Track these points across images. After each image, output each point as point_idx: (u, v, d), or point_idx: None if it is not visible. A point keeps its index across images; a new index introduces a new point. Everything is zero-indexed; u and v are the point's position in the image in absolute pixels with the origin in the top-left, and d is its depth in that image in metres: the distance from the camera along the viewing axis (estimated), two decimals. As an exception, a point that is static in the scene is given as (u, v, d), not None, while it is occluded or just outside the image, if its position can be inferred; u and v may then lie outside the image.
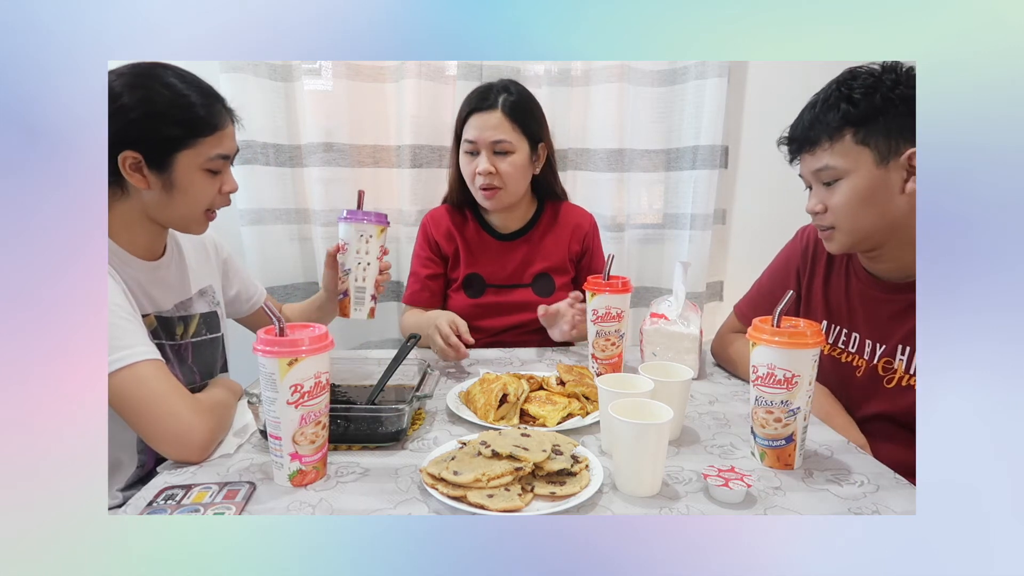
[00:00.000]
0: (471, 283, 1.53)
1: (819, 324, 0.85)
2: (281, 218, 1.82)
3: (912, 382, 1.01)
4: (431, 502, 0.77)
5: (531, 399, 1.04)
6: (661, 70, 1.91)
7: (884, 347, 1.04)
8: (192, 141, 0.95)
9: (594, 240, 1.58)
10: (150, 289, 1.02)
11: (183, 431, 0.85)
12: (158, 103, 0.93)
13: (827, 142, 0.96)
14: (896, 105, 0.92)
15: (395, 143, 1.85)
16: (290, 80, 1.77)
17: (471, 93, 1.46)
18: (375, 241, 1.14)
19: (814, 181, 1.02)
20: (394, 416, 0.91)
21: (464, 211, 1.57)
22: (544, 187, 1.56)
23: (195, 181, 0.97)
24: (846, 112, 0.94)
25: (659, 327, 1.22)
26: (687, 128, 1.91)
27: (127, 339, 0.87)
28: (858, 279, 1.10)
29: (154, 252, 1.06)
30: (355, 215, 1.14)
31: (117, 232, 0.98)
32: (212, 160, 0.97)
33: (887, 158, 0.93)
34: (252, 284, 1.35)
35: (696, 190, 1.92)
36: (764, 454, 0.87)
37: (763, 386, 0.85)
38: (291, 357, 0.76)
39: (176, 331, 1.07)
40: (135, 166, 0.94)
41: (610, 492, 0.80)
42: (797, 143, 1.01)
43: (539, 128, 1.47)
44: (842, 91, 0.96)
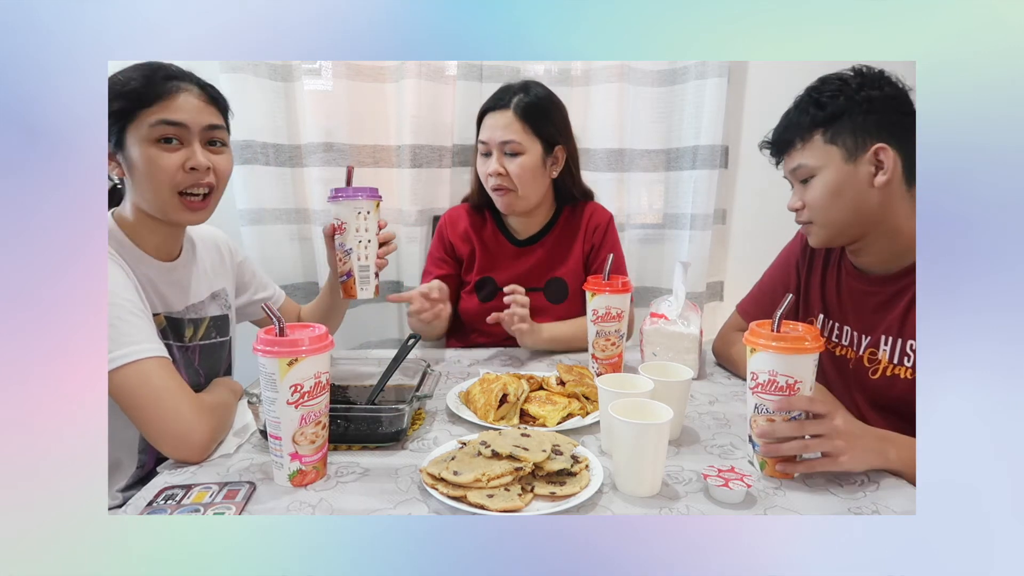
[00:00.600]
0: (483, 286, 1.52)
1: (816, 328, 0.85)
2: (281, 218, 1.82)
3: (896, 371, 1.02)
4: (431, 502, 0.77)
5: (531, 399, 1.04)
6: (661, 70, 1.91)
7: (869, 338, 1.07)
8: (134, 113, 0.93)
9: (605, 237, 1.52)
10: (162, 289, 1.03)
11: (184, 430, 0.85)
12: (112, 86, 0.92)
13: (799, 143, 1.04)
14: (860, 105, 0.98)
15: (395, 143, 1.85)
16: (290, 80, 1.76)
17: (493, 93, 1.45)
18: (372, 216, 1.10)
19: (793, 180, 1.08)
20: (394, 416, 0.91)
21: (484, 213, 1.55)
22: (563, 191, 1.52)
23: (148, 156, 0.93)
24: (814, 115, 1.01)
25: (659, 327, 1.22)
26: (687, 128, 1.91)
27: (136, 335, 0.87)
28: (847, 273, 1.13)
29: (169, 253, 1.06)
30: (347, 192, 1.09)
31: (133, 230, 1.00)
32: (155, 127, 0.93)
33: (854, 154, 0.99)
34: (270, 286, 1.35)
35: (696, 190, 1.92)
36: (764, 463, 0.85)
37: (763, 393, 0.83)
38: (291, 357, 0.76)
39: (185, 333, 1.07)
40: (110, 155, 0.95)
41: (610, 492, 0.80)
42: (775, 146, 1.09)
43: (555, 131, 1.43)
44: (811, 96, 1.03)
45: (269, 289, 1.34)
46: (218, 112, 1.00)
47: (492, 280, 1.50)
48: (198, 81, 0.99)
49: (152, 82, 0.94)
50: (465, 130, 1.82)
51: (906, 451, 0.84)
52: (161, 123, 0.93)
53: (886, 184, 0.98)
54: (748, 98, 1.96)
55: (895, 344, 1.03)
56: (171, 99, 0.94)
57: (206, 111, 0.98)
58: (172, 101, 0.94)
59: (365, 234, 1.10)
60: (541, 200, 1.48)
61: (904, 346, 1.01)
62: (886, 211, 1.01)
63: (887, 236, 1.03)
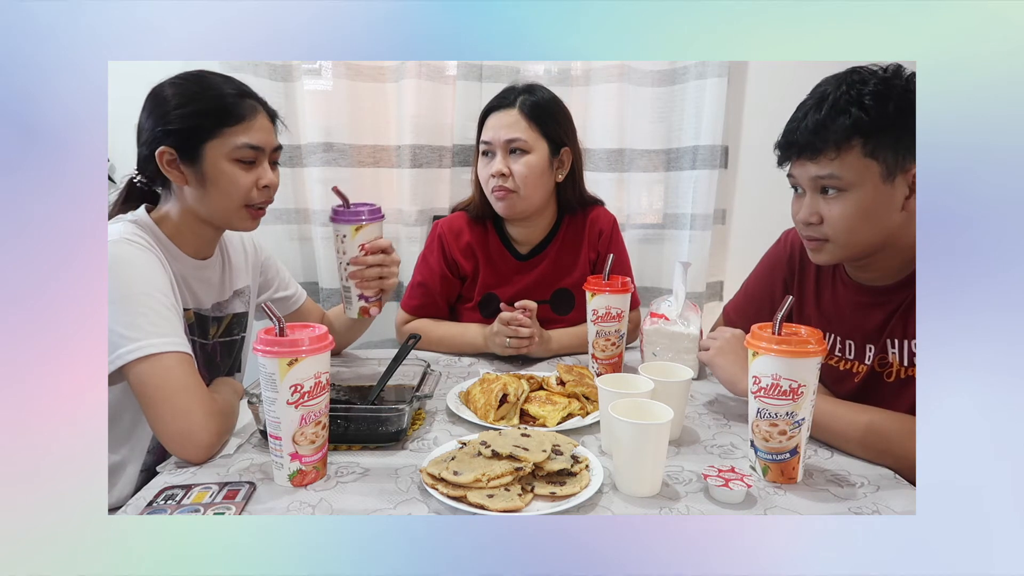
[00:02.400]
0: (487, 303, 1.46)
1: (819, 331, 0.82)
2: (281, 218, 1.82)
3: (911, 372, 0.99)
4: (431, 502, 0.77)
5: (531, 399, 1.04)
6: (661, 70, 1.91)
7: (874, 347, 1.04)
8: (217, 131, 0.97)
9: (610, 244, 1.46)
10: (194, 286, 1.06)
11: (193, 430, 0.86)
12: (188, 97, 0.97)
13: (834, 151, 0.89)
14: (908, 115, 0.86)
15: (395, 143, 1.85)
16: (290, 80, 1.77)
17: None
18: (349, 240, 1.11)
19: (810, 188, 0.95)
20: (394, 416, 0.91)
21: (485, 223, 1.47)
22: (565, 200, 1.46)
23: (225, 172, 0.98)
24: (858, 119, 0.87)
25: (659, 327, 1.22)
26: (687, 128, 1.91)
27: (164, 327, 0.89)
28: (845, 286, 1.07)
29: (206, 253, 1.09)
30: (335, 215, 1.12)
31: (175, 230, 1.03)
32: (239, 150, 0.98)
33: (894, 173, 0.89)
34: (292, 285, 1.35)
35: (696, 190, 1.92)
36: (767, 468, 0.84)
37: (766, 397, 0.81)
38: (291, 357, 0.76)
39: (210, 330, 1.10)
40: (171, 162, 0.98)
41: (610, 492, 0.80)
42: (798, 147, 0.93)
43: (562, 132, 1.39)
44: (851, 94, 0.89)
45: (291, 288, 1.34)
46: (275, 131, 1.07)
47: (496, 297, 1.44)
48: (260, 99, 1.04)
49: (238, 103, 0.99)
50: (465, 130, 1.82)
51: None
52: (246, 147, 0.99)
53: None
54: (748, 98, 1.96)
55: (902, 346, 1.00)
56: (251, 121, 1.00)
57: (272, 132, 1.05)
58: (252, 123, 1.00)
59: (343, 256, 1.12)
60: (543, 206, 1.43)
61: (911, 346, 0.99)
62: (903, 232, 0.93)
63: (896, 253, 0.97)
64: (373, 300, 1.15)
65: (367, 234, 1.11)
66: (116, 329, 0.86)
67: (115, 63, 0.94)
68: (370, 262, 1.11)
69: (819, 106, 0.91)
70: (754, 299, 1.25)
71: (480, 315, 1.46)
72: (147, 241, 0.96)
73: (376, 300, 1.16)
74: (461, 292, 1.50)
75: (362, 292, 1.14)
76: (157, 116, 0.98)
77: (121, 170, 1.91)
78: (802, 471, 0.84)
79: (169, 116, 0.97)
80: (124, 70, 0.99)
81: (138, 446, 1.01)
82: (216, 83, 1.00)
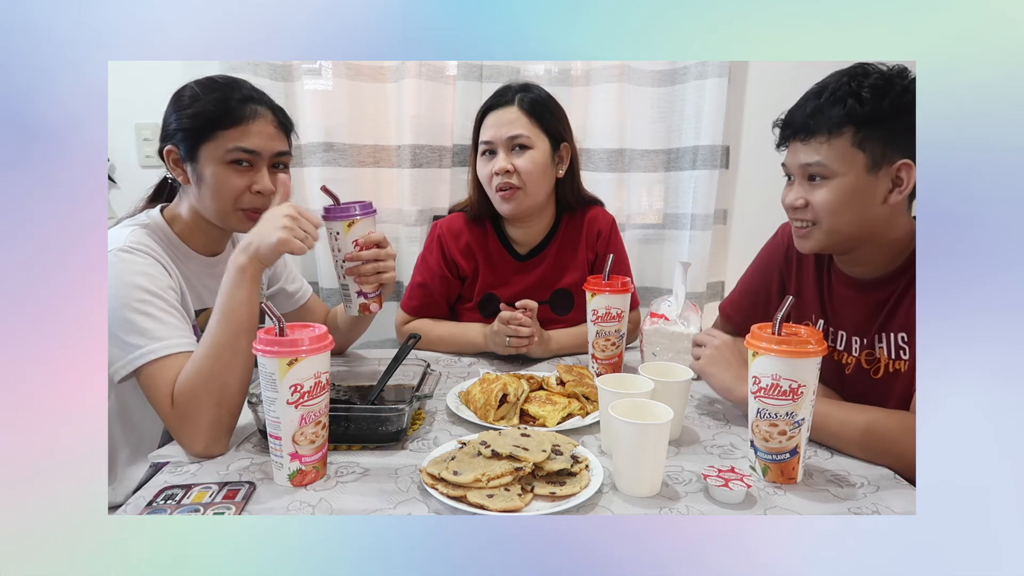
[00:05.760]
0: (487, 304, 1.46)
1: (819, 331, 0.83)
2: (281, 218, 1.82)
3: (897, 366, 1.01)
4: (431, 502, 0.77)
5: (531, 399, 1.04)
6: (661, 70, 1.91)
7: (864, 341, 1.06)
8: (213, 133, 0.98)
9: (608, 245, 1.47)
10: (208, 282, 1.07)
11: (203, 426, 0.87)
12: (196, 98, 0.99)
13: (824, 136, 0.94)
14: (901, 114, 0.90)
15: (395, 143, 1.85)
16: (290, 80, 1.76)
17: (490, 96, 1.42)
18: (343, 237, 1.10)
19: (799, 175, 1.00)
20: (394, 416, 0.91)
21: (484, 224, 1.47)
22: (563, 199, 1.46)
23: (218, 174, 0.99)
24: (852, 109, 0.92)
25: (659, 327, 1.22)
26: (687, 128, 1.91)
27: (170, 330, 0.92)
28: (837, 279, 1.11)
29: (215, 250, 1.12)
30: (326, 213, 1.11)
31: (185, 229, 1.06)
32: (232, 152, 0.99)
33: (879, 165, 0.93)
34: (299, 278, 1.35)
35: (696, 190, 1.92)
36: (767, 469, 0.84)
37: (766, 398, 0.81)
38: (291, 357, 0.76)
39: None
40: (176, 161, 1.01)
41: (610, 492, 0.80)
42: (793, 128, 0.99)
43: (560, 127, 1.40)
44: (851, 86, 0.93)
45: (297, 282, 1.34)
46: (285, 137, 1.07)
47: (496, 297, 1.45)
48: (271, 104, 1.04)
49: (231, 104, 0.99)
50: (465, 130, 1.81)
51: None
52: (237, 150, 0.99)
53: (897, 202, 0.95)
54: (748, 98, 1.96)
55: (889, 339, 1.02)
56: (248, 125, 1.00)
57: (276, 138, 1.04)
58: (249, 127, 1.00)
59: (339, 254, 1.11)
60: (545, 203, 1.43)
61: (897, 339, 1.01)
62: (887, 225, 0.98)
63: (880, 247, 1.00)
64: (372, 296, 1.14)
65: (360, 229, 1.10)
66: (122, 336, 0.88)
67: (115, 63, 0.95)
68: (365, 257, 1.10)
69: (820, 93, 0.97)
70: (750, 293, 1.26)
71: (480, 315, 1.46)
72: (148, 247, 0.97)
73: (376, 296, 1.15)
74: (461, 292, 1.50)
75: (360, 288, 1.13)
76: (170, 114, 1.01)
77: (121, 170, 1.92)
78: (802, 471, 0.84)
79: (177, 115, 1.00)
80: (124, 70, 0.99)
81: (147, 441, 1.02)
82: (226, 87, 1.01)
